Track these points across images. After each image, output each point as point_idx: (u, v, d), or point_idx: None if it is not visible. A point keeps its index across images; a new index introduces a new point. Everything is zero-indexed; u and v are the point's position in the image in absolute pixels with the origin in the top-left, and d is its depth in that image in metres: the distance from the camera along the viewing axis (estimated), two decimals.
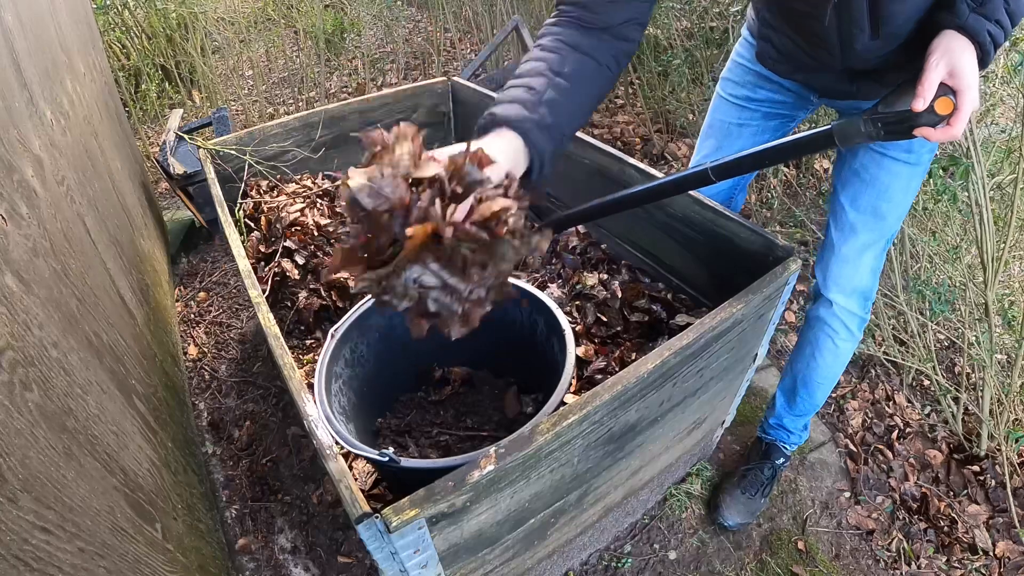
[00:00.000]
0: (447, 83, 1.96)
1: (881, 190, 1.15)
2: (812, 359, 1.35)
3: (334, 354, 1.14)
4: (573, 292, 1.46)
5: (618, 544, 1.44)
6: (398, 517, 0.73)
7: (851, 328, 1.28)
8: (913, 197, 1.17)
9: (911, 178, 1.14)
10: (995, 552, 1.42)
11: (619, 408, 0.94)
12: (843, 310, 1.26)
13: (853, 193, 1.18)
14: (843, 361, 1.34)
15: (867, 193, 1.16)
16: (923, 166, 1.13)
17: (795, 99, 1.22)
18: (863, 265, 1.22)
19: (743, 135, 1.29)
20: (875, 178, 1.15)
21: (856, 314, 1.27)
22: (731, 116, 1.29)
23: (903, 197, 1.15)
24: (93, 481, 0.84)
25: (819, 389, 1.39)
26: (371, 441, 1.26)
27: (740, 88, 1.26)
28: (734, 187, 1.37)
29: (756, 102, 1.25)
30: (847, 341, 1.30)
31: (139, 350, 1.35)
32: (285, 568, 1.42)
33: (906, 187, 1.14)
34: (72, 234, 1.12)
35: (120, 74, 3.19)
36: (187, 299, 2.22)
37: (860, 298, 1.25)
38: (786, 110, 1.25)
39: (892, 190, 1.14)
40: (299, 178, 1.76)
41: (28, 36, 1.23)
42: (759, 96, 1.24)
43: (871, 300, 1.27)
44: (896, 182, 1.14)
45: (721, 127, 1.32)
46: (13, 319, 0.74)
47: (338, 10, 3.93)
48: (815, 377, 1.37)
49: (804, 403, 1.43)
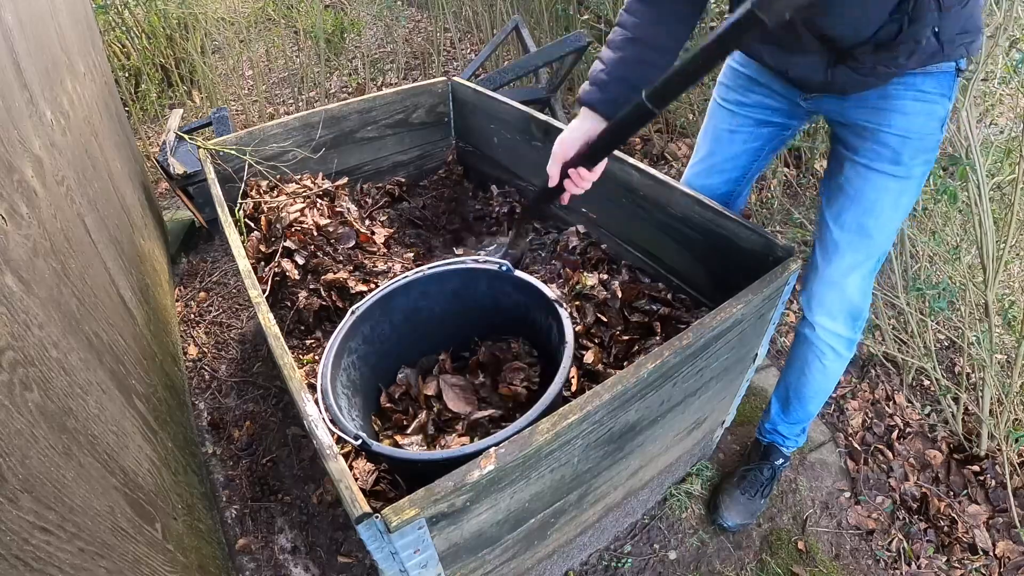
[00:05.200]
0: (447, 83, 1.96)
1: (867, 206, 1.09)
2: (802, 374, 1.33)
3: (350, 332, 1.19)
4: (573, 292, 1.46)
5: (618, 544, 1.44)
6: (398, 517, 0.73)
7: (838, 350, 1.24)
8: (904, 215, 1.11)
9: (900, 194, 1.08)
10: (995, 552, 1.42)
11: (619, 408, 0.95)
12: (828, 333, 1.22)
13: (838, 209, 1.13)
14: (833, 378, 1.32)
15: (852, 209, 1.11)
16: (914, 180, 1.07)
17: (786, 105, 1.20)
18: (849, 287, 1.16)
19: (735, 141, 1.29)
20: (860, 193, 1.09)
21: (843, 336, 1.22)
22: (724, 122, 1.29)
23: (892, 214, 1.09)
24: (93, 481, 0.84)
25: (811, 402, 1.38)
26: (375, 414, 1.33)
27: (732, 92, 1.26)
28: (740, 180, 1.35)
29: (747, 107, 1.24)
30: (834, 361, 1.26)
31: (139, 350, 1.35)
32: (285, 568, 1.42)
33: (895, 203, 1.09)
34: (72, 234, 1.12)
35: (120, 74, 3.19)
36: (187, 299, 2.22)
37: (848, 319, 1.20)
38: (778, 117, 1.23)
39: (879, 206, 1.09)
40: (299, 178, 1.76)
41: (28, 36, 1.23)
42: (750, 101, 1.23)
43: (862, 319, 1.21)
44: (884, 197, 1.08)
45: (714, 133, 1.32)
46: (13, 319, 0.74)
47: (338, 10, 3.94)
48: (806, 392, 1.36)
49: (797, 412, 1.42)
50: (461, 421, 1.26)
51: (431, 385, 1.34)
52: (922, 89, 1.02)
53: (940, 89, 1.02)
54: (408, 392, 1.35)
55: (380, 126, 1.92)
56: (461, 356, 1.44)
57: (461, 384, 1.34)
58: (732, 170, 1.33)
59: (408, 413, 1.31)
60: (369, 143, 1.93)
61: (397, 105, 1.91)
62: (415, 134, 2.00)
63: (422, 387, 1.34)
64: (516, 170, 1.87)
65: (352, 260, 1.60)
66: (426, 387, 1.34)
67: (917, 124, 1.03)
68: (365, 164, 1.96)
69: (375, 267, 1.60)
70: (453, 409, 1.29)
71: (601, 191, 1.53)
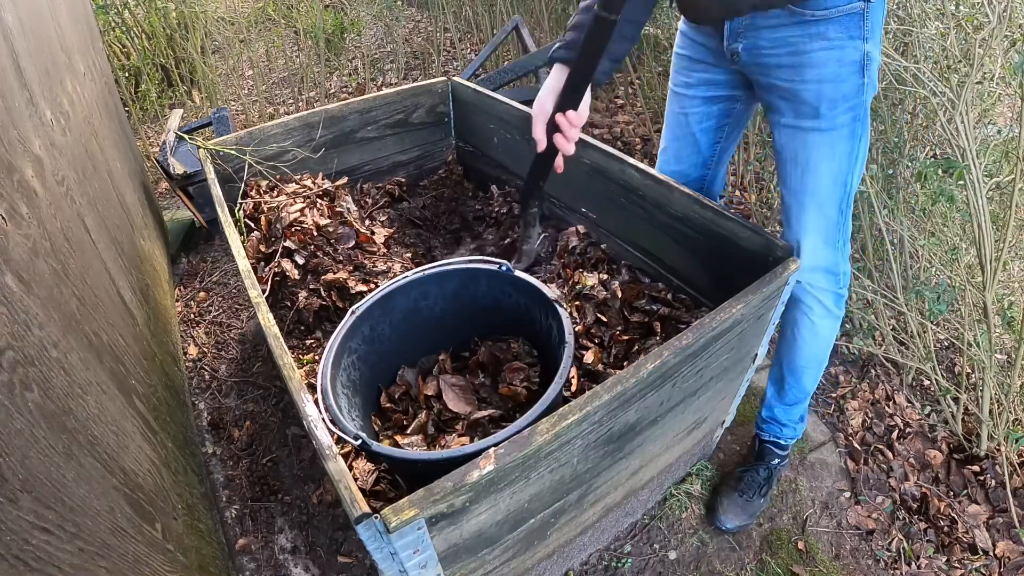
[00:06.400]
0: (447, 83, 1.96)
1: (803, 165, 1.14)
2: (793, 340, 1.34)
3: (350, 332, 1.19)
4: (573, 292, 1.46)
5: (618, 544, 1.44)
6: (397, 517, 0.73)
7: (826, 304, 1.25)
8: (846, 163, 1.12)
9: (831, 145, 1.10)
10: (995, 552, 1.43)
11: (619, 408, 0.95)
12: (811, 286, 1.24)
13: (783, 175, 1.18)
14: (825, 342, 1.32)
15: (792, 171, 1.16)
16: (842, 130, 1.08)
17: (725, 76, 1.23)
18: (813, 244, 1.18)
19: (690, 123, 1.32)
20: (795, 154, 1.14)
21: (827, 289, 1.24)
22: (676, 106, 1.33)
23: (829, 166, 1.12)
24: (93, 481, 0.84)
25: (805, 374, 1.38)
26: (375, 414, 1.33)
27: (678, 75, 1.30)
28: (708, 162, 1.38)
29: (693, 87, 1.28)
30: (823, 317, 1.27)
31: (139, 350, 1.35)
32: (285, 568, 1.42)
33: (828, 155, 1.11)
34: (72, 234, 1.12)
35: (120, 74, 3.19)
36: (187, 299, 2.22)
37: (826, 274, 1.22)
38: (723, 90, 1.26)
39: (813, 162, 1.12)
40: (299, 178, 1.76)
41: (28, 36, 1.23)
42: (694, 80, 1.27)
43: (841, 274, 1.23)
44: (815, 153, 1.11)
45: (671, 119, 1.36)
46: (13, 319, 0.74)
47: (338, 10, 3.93)
48: (799, 361, 1.36)
49: (792, 390, 1.42)
50: (461, 421, 1.26)
51: (431, 385, 1.34)
52: (827, 37, 1.02)
53: (847, 32, 1.02)
54: (408, 392, 1.35)
55: (380, 126, 1.92)
56: (461, 356, 1.44)
57: (461, 384, 1.34)
58: (697, 153, 1.36)
59: (408, 413, 1.31)
60: (369, 143, 1.93)
61: (397, 105, 1.91)
62: (415, 134, 2.00)
63: (422, 387, 1.34)
64: (516, 170, 1.87)
65: (352, 260, 1.60)
66: (426, 387, 1.34)
67: (829, 73, 1.04)
68: (365, 164, 1.96)
69: (375, 267, 1.61)
70: (453, 409, 1.29)
71: (601, 191, 1.54)
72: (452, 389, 1.33)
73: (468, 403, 1.31)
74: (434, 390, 1.33)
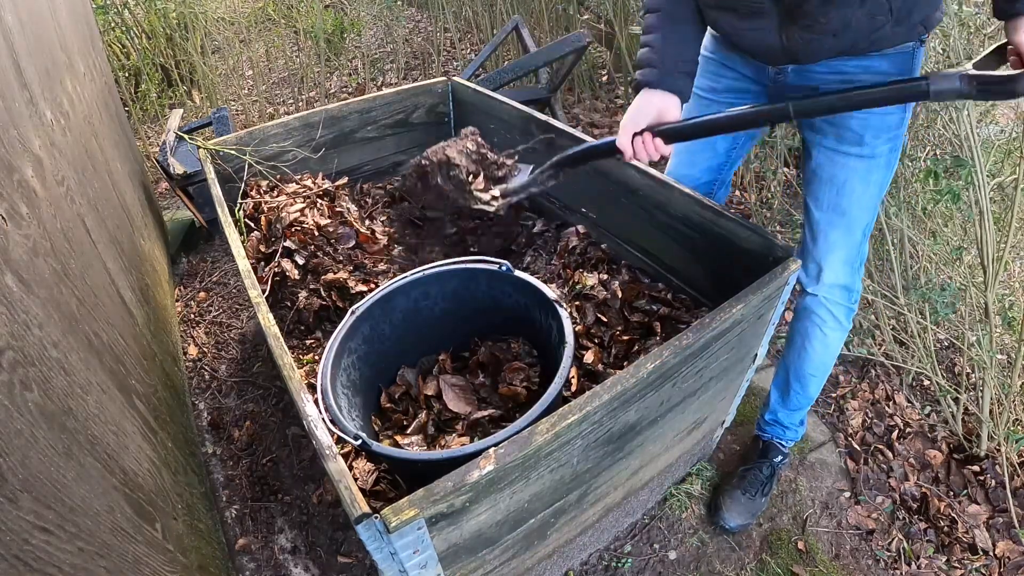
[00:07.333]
0: (447, 83, 1.96)
1: (839, 187, 1.17)
2: (803, 350, 1.36)
3: (350, 332, 1.19)
4: (573, 292, 1.46)
5: (618, 544, 1.44)
6: (397, 517, 0.73)
7: (838, 317, 1.29)
8: (877, 191, 1.17)
9: (868, 171, 1.14)
10: (995, 552, 1.42)
11: (619, 408, 0.95)
12: (827, 300, 1.27)
13: (815, 192, 1.21)
14: (833, 352, 1.35)
15: (827, 191, 1.18)
16: (880, 159, 1.13)
17: (756, 89, 1.23)
18: (835, 262, 1.23)
19: None
20: (832, 176, 1.17)
21: (841, 304, 1.27)
22: (698, 111, 1.30)
23: (863, 191, 1.16)
24: (93, 481, 0.84)
25: (811, 382, 1.40)
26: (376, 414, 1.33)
27: (704, 79, 1.28)
28: (720, 168, 1.38)
29: (719, 93, 1.26)
30: (835, 330, 1.30)
31: (139, 350, 1.35)
32: (285, 568, 1.42)
33: (864, 180, 1.15)
34: (72, 234, 1.12)
35: (120, 74, 3.19)
36: (187, 299, 2.22)
37: (842, 291, 1.26)
38: (750, 99, 1.25)
39: (850, 186, 1.16)
40: (299, 178, 1.76)
41: (28, 36, 1.23)
42: (721, 87, 1.26)
43: (855, 291, 1.27)
44: (852, 177, 1.15)
45: None
46: (13, 319, 0.74)
47: (338, 10, 3.94)
48: (806, 369, 1.37)
49: (797, 396, 1.43)
50: (461, 421, 1.26)
51: (431, 385, 1.34)
52: (881, 71, 1.06)
53: (897, 68, 1.06)
54: (408, 392, 1.35)
55: (380, 126, 1.92)
56: (461, 356, 1.44)
57: (461, 384, 1.34)
58: (711, 159, 1.36)
59: (408, 413, 1.31)
60: (369, 143, 1.93)
61: (397, 105, 1.91)
62: (415, 134, 2.00)
63: (422, 387, 1.34)
64: None
65: (352, 260, 1.60)
66: (426, 387, 1.34)
67: None
68: (365, 164, 1.96)
69: (375, 267, 1.61)
70: (453, 409, 1.29)
71: (601, 191, 1.54)
72: (452, 389, 1.33)
73: (468, 403, 1.31)
74: (434, 390, 1.33)
